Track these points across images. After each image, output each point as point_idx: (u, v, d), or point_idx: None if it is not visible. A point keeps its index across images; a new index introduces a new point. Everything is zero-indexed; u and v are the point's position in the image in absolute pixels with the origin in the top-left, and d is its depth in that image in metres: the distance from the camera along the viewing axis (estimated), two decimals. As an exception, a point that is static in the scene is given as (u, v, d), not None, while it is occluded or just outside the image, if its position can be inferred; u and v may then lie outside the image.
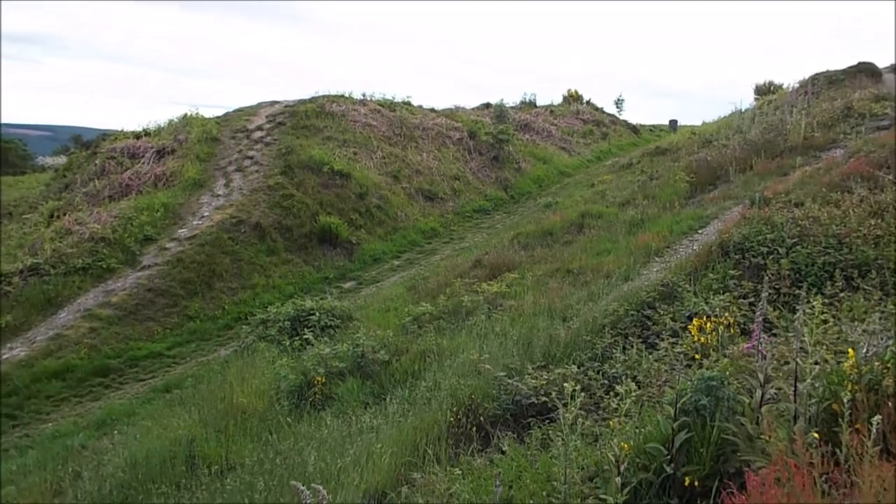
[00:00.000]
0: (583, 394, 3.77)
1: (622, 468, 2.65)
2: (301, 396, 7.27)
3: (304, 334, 9.02)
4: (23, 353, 11.49)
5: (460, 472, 3.94)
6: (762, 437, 2.56)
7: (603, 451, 3.06)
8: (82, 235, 14.54)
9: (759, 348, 3.02)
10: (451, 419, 5.13)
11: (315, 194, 17.16)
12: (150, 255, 14.42)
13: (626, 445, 2.88)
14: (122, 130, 21.44)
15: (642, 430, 3.17)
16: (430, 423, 5.24)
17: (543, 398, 5.12)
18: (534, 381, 5.33)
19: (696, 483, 2.70)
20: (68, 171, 20.72)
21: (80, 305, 12.85)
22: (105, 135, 22.52)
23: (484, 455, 4.63)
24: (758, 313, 3.16)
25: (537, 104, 33.95)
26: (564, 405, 3.49)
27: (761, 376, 2.76)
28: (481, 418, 5.16)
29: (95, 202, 16.69)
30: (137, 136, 20.22)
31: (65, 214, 16.05)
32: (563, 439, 2.98)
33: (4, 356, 11.40)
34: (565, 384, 3.02)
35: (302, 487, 2.41)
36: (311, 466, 5.09)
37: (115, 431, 8.46)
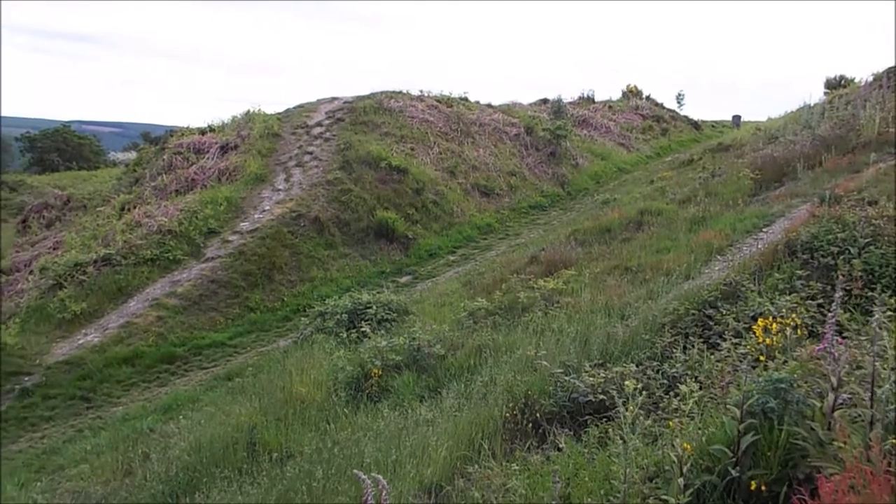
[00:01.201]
0: (644, 393, 3.71)
1: (685, 469, 2.60)
2: (358, 388, 7.38)
3: (362, 327, 9.15)
4: (96, 339, 12.03)
5: (517, 467, 3.93)
6: (835, 442, 2.47)
7: (665, 452, 3.01)
8: (151, 228, 15.11)
9: (831, 351, 2.91)
10: (507, 415, 5.12)
11: (372, 189, 17.37)
12: (213, 247, 14.88)
13: (688, 446, 2.82)
14: (187, 127, 22.17)
15: (705, 431, 3.10)
16: (486, 418, 5.25)
17: (601, 396, 5.07)
18: (591, 378, 5.28)
19: (763, 487, 2.63)
20: (138, 166, 21.56)
21: (148, 295, 13.37)
22: (172, 131, 23.34)
23: (540, 452, 4.62)
24: (830, 315, 3.05)
25: (595, 100, 33.48)
26: (624, 404, 3.46)
27: (834, 380, 2.66)
28: (537, 415, 5.14)
29: (163, 196, 17.31)
30: (202, 132, 20.87)
31: (135, 207, 16.70)
32: (622, 438, 2.94)
33: (79, 341, 11.97)
34: (626, 382, 2.99)
35: (363, 476, 2.45)
36: (367, 457, 5.17)
37: (181, 416, 8.75)
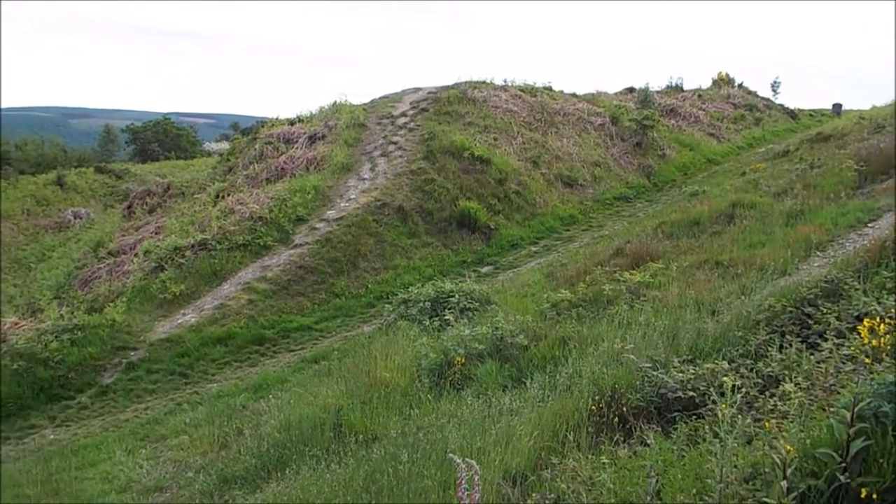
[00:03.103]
0: (740, 392, 3.60)
1: (788, 472, 2.52)
2: (441, 375, 7.48)
3: (445, 315, 9.25)
4: (193, 319, 12.70)
5: (606, 460, 3.90)
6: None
7: (765, 453, 2.92)
8: (243, 214, 15.76)
9: (952, 355, 2.73)
10: (593, 407, 5.08)
11: (455, 179, 17.47)
12: (301, 234, 15.38)
13: (790, 448, 2.72)
14: (276, 118, 22.96)
15: (808, 434, 2.98)
16: (571, 409, 5.22)
17: (690, 393, 4.94)
18: (680, 374, 5.15)
19: (875, 496, 2.51)
20: (231, 156, 22.52)
21: (240, 279, 13.98)
22: (263, 122, 24.23)
23: (626, 446, 4.56)
24: (951, 316, 2.86)
25: (684, 88, 32.42)
26: (713, 402, 3.36)
27: (955, 385, 2.50)
28: (624, 408, 5.06)
29: (255, 184, 18.02)
30: (292, 122, 21.57)
31: (228, 195, 17.46)
32: (719, 437, 2.87)
33: (178, 321, 12.67)
34: (724, 378, 2.91)
35: (458, 460, 2.51)
36: (452, 443, 5.24)
37: (271, 395, 9.14)
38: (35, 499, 6.97)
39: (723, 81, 34.49)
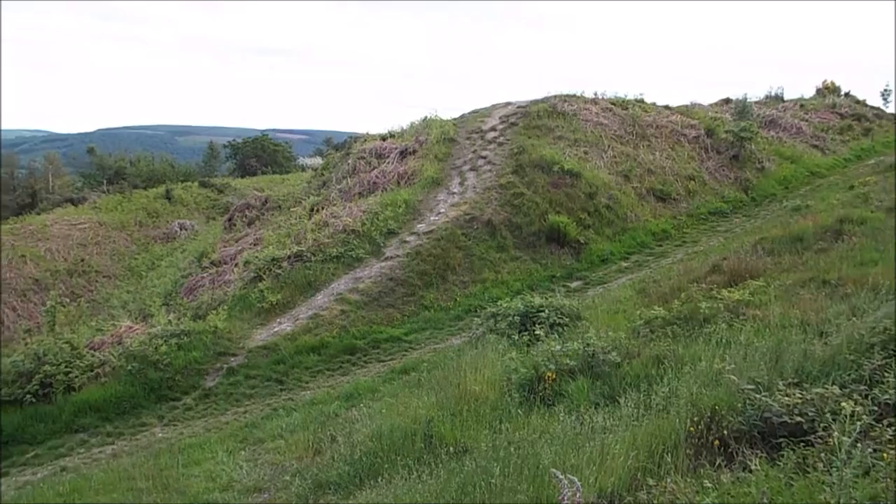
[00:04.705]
0: (857, 419, 3.42)
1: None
2: (531, 390, 7.44)
3: (535, 330, 9.21)
4: (288, 327, 13.20)
5: (709, 484, 3.78)
6: None
7: (887, 486, 2.76)
8: (336, 227, 16.28)
9: None
10: (692, 429, 4.93)
11: (544, 193, 17.40)
12: (392, 247, 15.72)
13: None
14: (368, 133, 23.61)
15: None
16: (668, 430, 5.08)
17: (798, 418, 4.72)
18: (786, 398, 4.92)
19: None
20: (325, 170, 23.34)
21: (333, 290, 14.42)
22: (355, 137, 25.00)
23: (728, 471, 4.40)
24: None
25: (784, 98, 31.05)
26: (824, 428, 3.19)
27: None
28: (724, 431, 4.89)
29: (347, 198, 18.58)
30: (383, 138, 22.12)
31: (322, 208, 18.10)
32: (834, 466, 2.73)
33: (275, 329, 13.21)
34: (843, 404, 2.77)
35: (560, 476, 2.51)
36: (544, 459, 5.21)
37: (362, 404, 9.36)
38: (147, 492, 7.43)
39: (828, 90, 32.80)
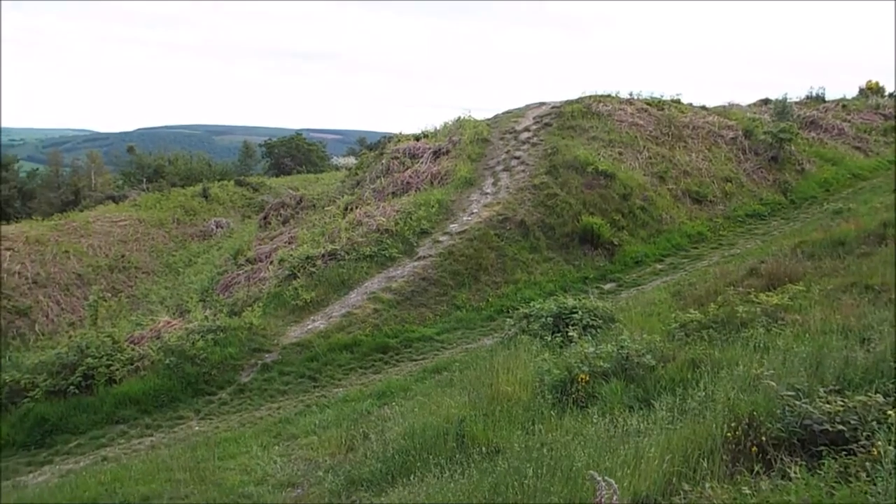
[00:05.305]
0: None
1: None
2: (564, 392, 7.41)
3: (568, 331, 9.17)
4: (322, 325, 13.34)
5: (748, 490, 3.74)
6: None
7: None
8: (370, 227, 16.40)
9: None
10: (728, 434, 4.86)
11: (578, 194, 17.29)
12: (424, 246, 15.78)
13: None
14: (401, 133, 23.72)
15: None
16: (704, 435, 5.02)
17: (839, 427, 4.62)
18: (827, 405, 4.83)
19: None
20: (359, 170, 23.52)
21: (366, 288, 14.53)
22: (389, 137, 25.14)
23: (766, 478, 4.33)
24: None
25: (826, 99, 30.36)
26: (867, 437, 3.12)
27: None
28: (763, 438, 4.82)
29: (381, 197, 18.70)
30: (417, 138, 22.21)
31: (356, 208, 18.24)
32: (881, 476, 2.68)
33: (308, 326, 13.36)
34: (888, 412, 2.72)
35: (598, 477, 2.51)
36: (578, 461, 5.19)
37: (394, 403, 9.42)
38: (184, 484, 7.59)
39: (871, 91, 32.00)
